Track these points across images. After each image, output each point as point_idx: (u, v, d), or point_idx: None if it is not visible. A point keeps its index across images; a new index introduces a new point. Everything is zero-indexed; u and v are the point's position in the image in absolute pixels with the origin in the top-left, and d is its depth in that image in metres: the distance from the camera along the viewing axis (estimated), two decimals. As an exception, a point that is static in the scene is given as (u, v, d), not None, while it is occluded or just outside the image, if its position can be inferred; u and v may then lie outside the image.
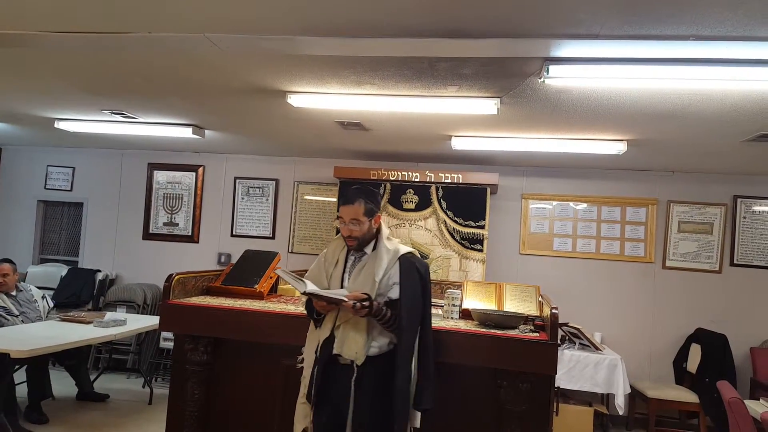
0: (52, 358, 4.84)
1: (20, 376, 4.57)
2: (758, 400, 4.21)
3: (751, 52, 2.53)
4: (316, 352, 2.56)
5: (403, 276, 2.48)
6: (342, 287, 2.53)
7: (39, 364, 4.60)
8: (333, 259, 2.63)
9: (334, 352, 2.47)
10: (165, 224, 6.57)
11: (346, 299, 2.35)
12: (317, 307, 2.50)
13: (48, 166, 6.90)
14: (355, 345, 2.44)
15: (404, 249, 2.58)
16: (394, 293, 2.48)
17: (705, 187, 5.57)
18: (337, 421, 2.46)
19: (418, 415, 2.49)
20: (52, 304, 5.27)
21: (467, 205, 5.33)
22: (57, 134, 5.77)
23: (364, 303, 2.35)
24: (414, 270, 2.51)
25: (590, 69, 2.78)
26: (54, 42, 2.95)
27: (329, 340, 2.49)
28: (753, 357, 5.18)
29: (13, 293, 4.91)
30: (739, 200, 5.51)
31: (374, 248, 2.57)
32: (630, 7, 2.19)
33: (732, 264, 5.51)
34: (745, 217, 5.51)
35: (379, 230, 2.59)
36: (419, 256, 2.69)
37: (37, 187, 6.93)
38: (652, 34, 2.42)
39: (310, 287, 2.40)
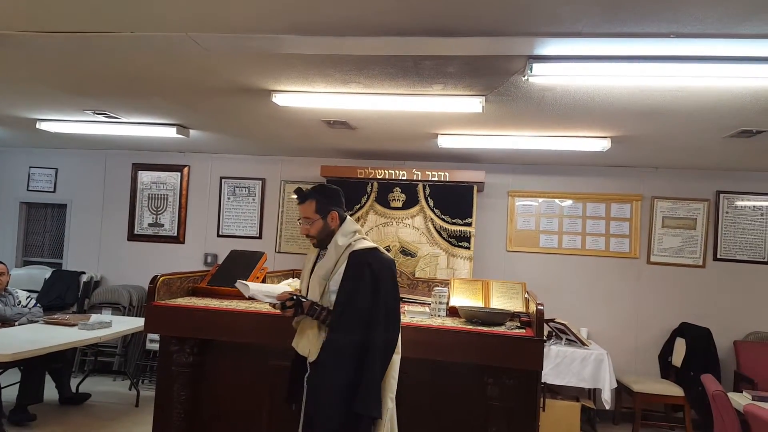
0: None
1: (8, 378, 4.52)
2: (741, 392, 4.27)
3: (731, 49, 2.56)
4: None
5: (347, 273, 2.43)
6: (308, 287, 2.58)
7: (35, 368, 4.54)
8: (308, 259, 2.68)
9: (293, 346, 2.53)
10: (150, 225, 6.52)
11: (273, 300, 2.45)
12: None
13: (30, 167, 6.81)
14: (307, 342, 2.46)
15: (363, 245, 2.49)
16: None
17: (688, 182, 5.63)
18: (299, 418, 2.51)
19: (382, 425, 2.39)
20: (33, 303, 5.19)
21: (454, 202, 5.34)
22: (39, 135, 5.70)
23: (285, 303, 2.41)
24: (363, 267, 2.41)
25: (573, 67, 2.80)
26: (35, 42, 2.91)
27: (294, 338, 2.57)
28: (737, 350, 5.25)
29: (3, 294, 4.86)
30: (721, 195, 5.58)
31: None
32: (611, 5, 2.21)
33: (715, 259, 5.58)
34: (727, 212, 5.58)
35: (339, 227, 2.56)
36: (380, 251, 2.52)
37: (19, 188, 6.84)
38: (633, 32, 2.44)
39: (252, 291, 2.51)
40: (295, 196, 2.61)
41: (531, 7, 2.26)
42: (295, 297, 2.44)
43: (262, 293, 2.54)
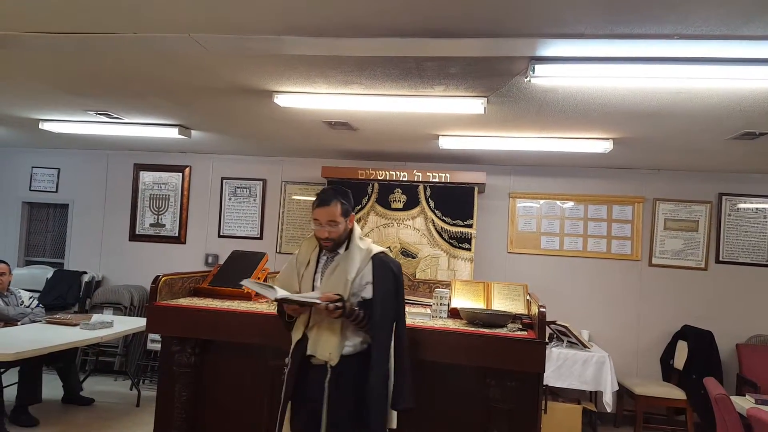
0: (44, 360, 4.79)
1: (10, 378, 4.51)
2: (744, 396, 4.25)
3: (734, 51, 2.56)
4: (290, 354, 2.57)
5: (376, 275, 2.48)
6: (313, 288, 2.52)
7: (32, 367, 4.54)
8: (304, 259, 2.61)
9: (308, 353, 2.48)
10: (151, 225, 6.53)
11: (319, 301, 2.35)
12: (288, 311, 2.51)
13: (33, 167, 6.82)
14: (329, 346, 2.44)
15: (377, 248, 2.57)
16: (368, 293, 2.47)
17: (690, 185, 5.62)
18: (315, 422, 2.44)
19: (395, 415, 2.48)
20: (36, 303, 5.20)
21: (455, 204, 5.34)
22: (42, 135, 5.71)
23: (337, 304, 2.34)
24: (387, 269, 2.51)
25: (576, 68, 2.79)
26: (37, 43, 2.92)
27: (302, 342, 2.51)
28: (739, 353, 5.23)
29: (5, 294, 4.86)
30: (724, 198, 5.57)
31: (347, 248, 2.54)
32: (614, 6, 2.20)
33: (717, 261, 5.56)
34: (730, 215, 5.57)
35: (352, 229, 2.57)
36: (388, 254, 2.65)
37: (21, 188, 6.84)
38: (636, 33, 2.43)
39: (281, 293, 2.38)
40: (315, 199, 2.53)
41: (533, 8, 2.26)
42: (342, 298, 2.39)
43: (296, 295, 2.44)
